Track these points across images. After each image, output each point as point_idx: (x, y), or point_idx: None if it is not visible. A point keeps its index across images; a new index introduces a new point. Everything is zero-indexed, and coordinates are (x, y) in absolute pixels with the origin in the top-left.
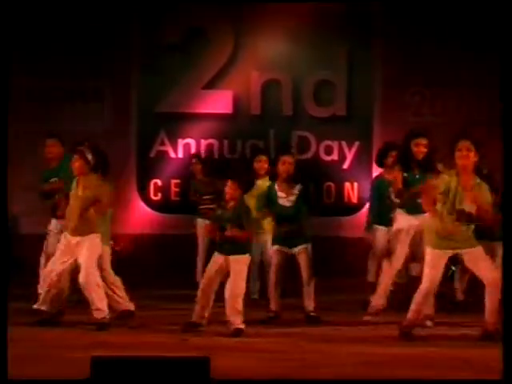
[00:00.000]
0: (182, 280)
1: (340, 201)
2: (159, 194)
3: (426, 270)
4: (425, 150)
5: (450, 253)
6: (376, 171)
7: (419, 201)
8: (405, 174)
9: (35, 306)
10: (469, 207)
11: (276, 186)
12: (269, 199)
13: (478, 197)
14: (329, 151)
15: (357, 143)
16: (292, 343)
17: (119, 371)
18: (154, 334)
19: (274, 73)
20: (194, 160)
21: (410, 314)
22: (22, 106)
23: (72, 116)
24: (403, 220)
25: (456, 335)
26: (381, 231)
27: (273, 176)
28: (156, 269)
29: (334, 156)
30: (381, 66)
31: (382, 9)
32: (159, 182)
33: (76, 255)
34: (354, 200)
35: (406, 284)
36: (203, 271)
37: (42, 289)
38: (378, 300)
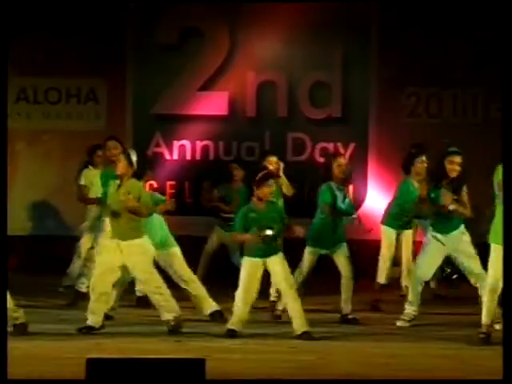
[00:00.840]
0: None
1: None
2: None
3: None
4: (458, 168)
5: None
6: (372, 172)
7: (445, 221)
8: (432, 195)
9: None
10: None
11: (332, 185)
12: (330, 199)
13: None
14: (321, 154)
15: (352, 145)
16: (288, 344)
17: (114, 373)
18: (150, 335)
19: (270, 74)
20: (234, 165)
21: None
22: (18, 104)
23: (67, 116)
24: (433, 237)
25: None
26: (391, 233)
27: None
28: None
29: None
30: (376, 68)
31: (377, 10)
32: (154, 184)
33: (123, 260)
34: None
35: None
36: (203, 277)
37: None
38: (410, 307)
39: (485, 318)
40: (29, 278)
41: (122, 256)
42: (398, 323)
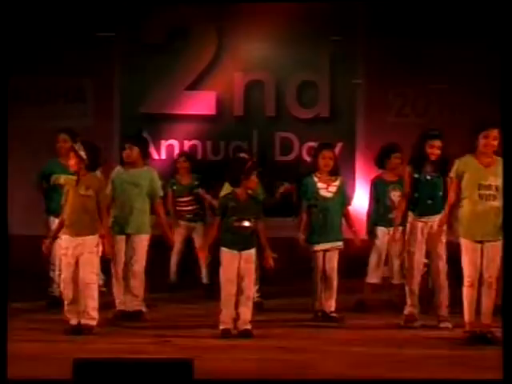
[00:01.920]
0: (165, 281)
1: None
2: None
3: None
4: (438, 151)
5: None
6: (359, 172)
7: (429, 202)
8: (415, 175)
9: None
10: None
11: (315, 178)
12: (308, 191)
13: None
14: (312, 152)
15: (340, 144)
16: (277, 344)
17: (102, 374)
18: (138, 335)
19: (257, 74)
20: (181, 159)
21: (465, 317)
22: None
23: (54, 115)
24: (416, 222)
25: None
26: (381, 232)
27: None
28: None
29: None
30: (364, 67)
31: (364, 10)
32: None
33: (76, 255)
34: None
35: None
36: (177, 273)
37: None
38: (410, 307)
39: (467, 316)
40: (21, 278)
41: (75, 251)
42: (403, 323)
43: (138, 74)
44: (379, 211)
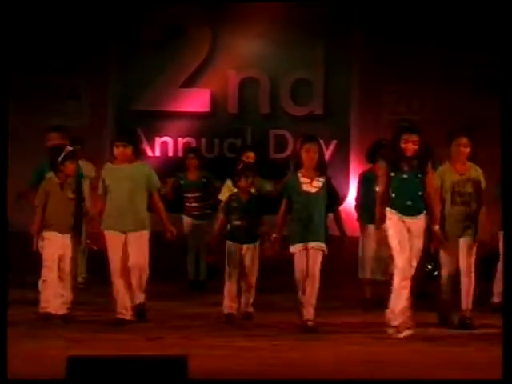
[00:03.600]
0: (158, 277)
1: None
2: None
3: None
4: (414, 147)
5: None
6: (353, 169)
7: (409, 203)
8: (391, 174)
9: None
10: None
11: (298, 174)
12: (290, 188)
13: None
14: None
15: (334, 142)
16: (272, 341)
17: (95, 371)
18: (131, 331)
19: (252, 71)
20: (190, 155)
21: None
22: None
23: (48, 112)
24: (396, 220)
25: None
26: (370, 227)
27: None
28: None
29: None
30: (358, 65)
31: (359, 7)
32: None
33: (63, 251)
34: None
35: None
36: (195, 271)
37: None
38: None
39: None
40: (15, 275)
41: (62, 247)
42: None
43: (132, 72)
44: (368, 206)
